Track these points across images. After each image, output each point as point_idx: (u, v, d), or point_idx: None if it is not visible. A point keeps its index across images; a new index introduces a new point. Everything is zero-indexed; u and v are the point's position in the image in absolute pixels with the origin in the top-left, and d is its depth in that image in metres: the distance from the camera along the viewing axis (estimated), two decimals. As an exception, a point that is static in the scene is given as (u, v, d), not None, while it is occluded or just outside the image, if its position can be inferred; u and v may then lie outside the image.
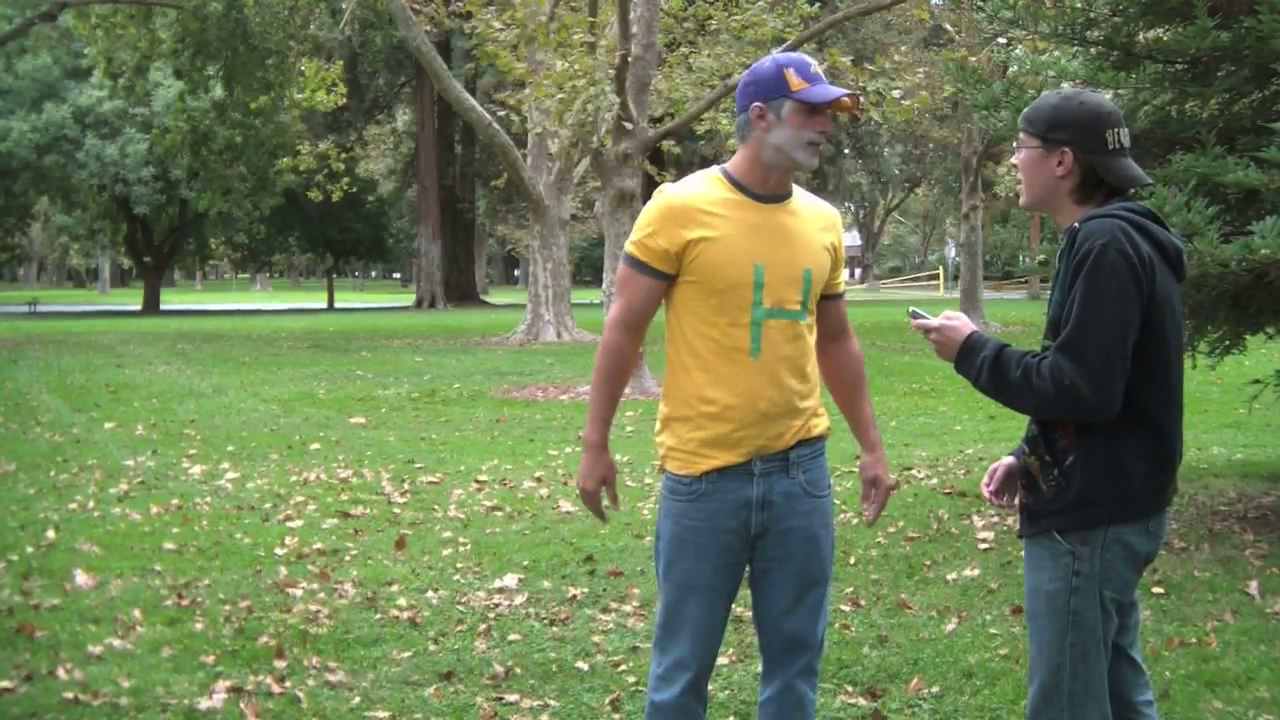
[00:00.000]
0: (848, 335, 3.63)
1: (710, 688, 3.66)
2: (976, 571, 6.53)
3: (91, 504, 8.64)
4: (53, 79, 45.18)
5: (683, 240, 3.30)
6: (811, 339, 3.44)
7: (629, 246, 3.39)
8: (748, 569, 3.47)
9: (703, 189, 3.38)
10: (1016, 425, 12.08)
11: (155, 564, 6.87)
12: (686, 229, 3.30)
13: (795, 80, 3.28)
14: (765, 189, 3.36)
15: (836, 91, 3.29)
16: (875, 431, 3.64)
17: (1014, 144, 3.19)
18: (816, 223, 3.43)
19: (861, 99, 3.34)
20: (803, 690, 3.48)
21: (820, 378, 3.53)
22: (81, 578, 6.50)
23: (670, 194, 3.37)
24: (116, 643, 5.44)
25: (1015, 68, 11.69)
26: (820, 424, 3.47)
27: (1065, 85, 7.49)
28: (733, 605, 3.50)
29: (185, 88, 30.03)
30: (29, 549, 7.22)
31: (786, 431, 3.37)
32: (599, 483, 3.48)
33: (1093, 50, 7.85)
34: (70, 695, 4.78)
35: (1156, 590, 6.07)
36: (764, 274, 3.30)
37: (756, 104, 3.31)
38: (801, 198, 3.46)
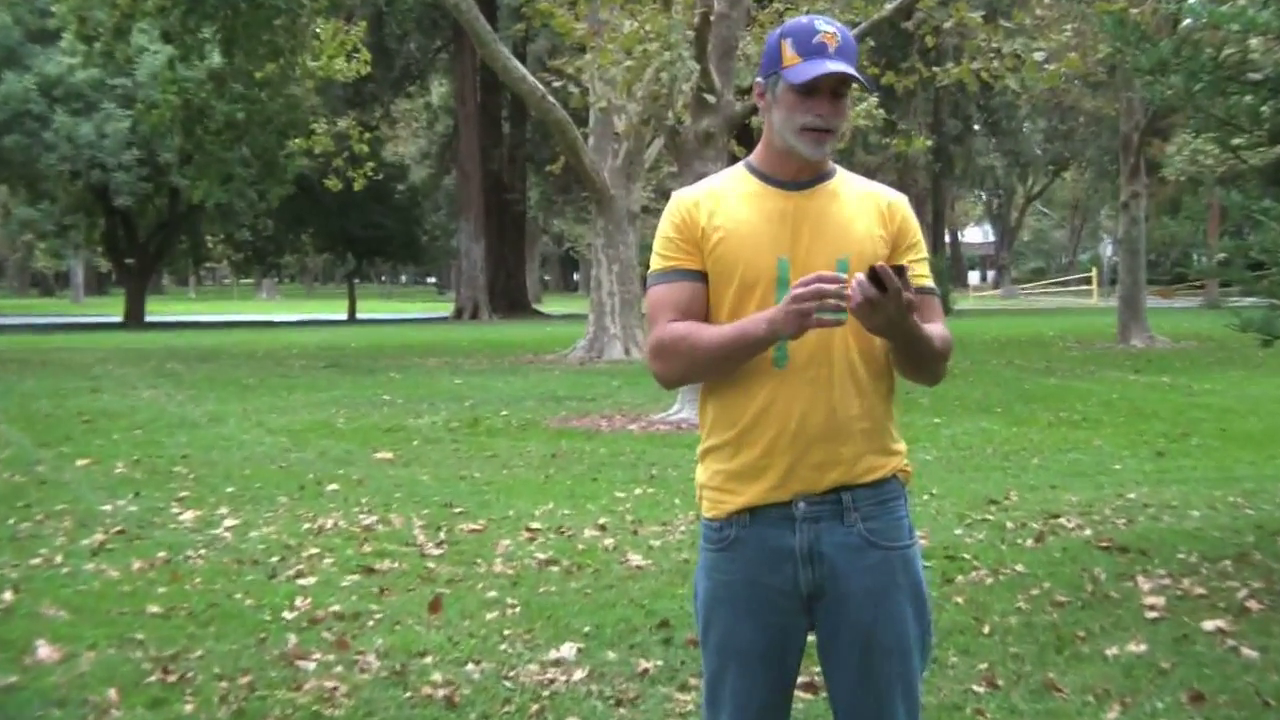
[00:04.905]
0: None
1: None
2: (1143, 647, 6.43)
3: (59, 558, 8.74)
4: (13, 42, 45.82)
5: (699, 228, 3.36)
6: (874, 342, 3.33)
7: (651, 265, 3.44)
8: (814, 638, 3.43)
9: (719, 183, 3.46)
10: (1190, 464, 12.06)
11: (137, 631, 6.93)
12: (700, 218, 3.37)
13: (789, 54, 3.31)
14: (789, 174, 3.39)
15: (818, 70, 3.25)
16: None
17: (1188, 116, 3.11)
18: (862, 207, 3.40)
19: (865, 81, 3.27)
20: None
21: (898, 390, 3.44)
22: (45, 649, 6.56)
23: (679, 193, 3.47)
24: (91, 726, 5.49)
25: (1188, 21, 11.53)
26: (890, 461, 3.39)
27: (1253, 41, 7.38)
28: (794, 677, 3.46)
29: (175, 54, 30.41)
30: (-13, 611, 7.33)
31: (834, 462, 3.30)
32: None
33: (1288, -4, 7.73)
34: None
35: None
36: (789, 269, 3.30)
37: (758, 80, 3.39)
38: (848, 180, 3.46)
